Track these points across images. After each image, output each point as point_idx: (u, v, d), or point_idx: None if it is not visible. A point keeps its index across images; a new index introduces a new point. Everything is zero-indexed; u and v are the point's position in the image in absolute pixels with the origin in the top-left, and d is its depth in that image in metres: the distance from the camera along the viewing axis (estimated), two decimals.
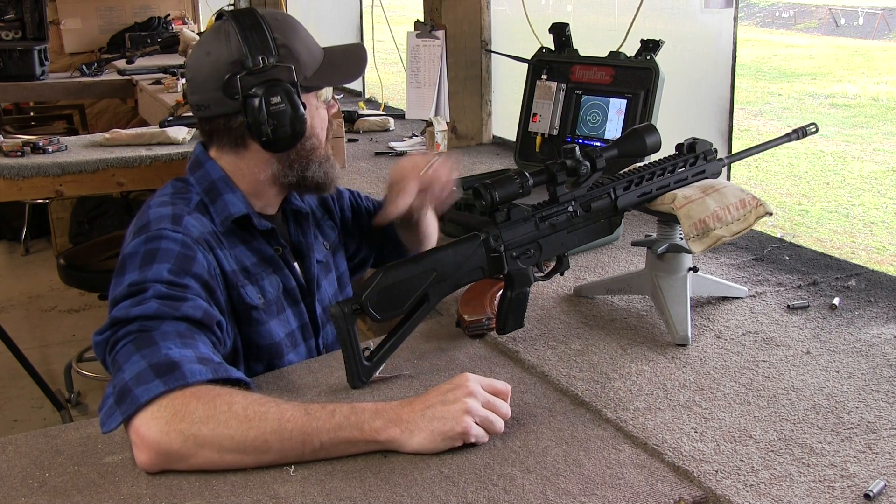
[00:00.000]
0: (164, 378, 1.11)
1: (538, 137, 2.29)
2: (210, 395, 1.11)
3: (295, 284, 1.51)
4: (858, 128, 8.68)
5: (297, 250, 1.56)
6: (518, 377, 1.37)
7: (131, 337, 1.17)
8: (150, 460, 1.10)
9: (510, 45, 2.85)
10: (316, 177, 1.48)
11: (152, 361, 1.13)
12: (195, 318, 1.23)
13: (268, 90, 1.37)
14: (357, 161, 2.92)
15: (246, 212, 1.43)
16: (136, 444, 1.10)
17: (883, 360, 1.39)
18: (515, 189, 1.34)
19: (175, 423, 1.08)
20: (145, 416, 1.09)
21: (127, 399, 1.10)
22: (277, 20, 1.43)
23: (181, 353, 1.15)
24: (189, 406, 1.10)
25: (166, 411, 1.09)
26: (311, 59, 1.44)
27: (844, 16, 14.63)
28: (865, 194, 6.84)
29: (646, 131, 1.47)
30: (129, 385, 1.11)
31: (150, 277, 1.24)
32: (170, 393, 1.10)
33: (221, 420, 1.09)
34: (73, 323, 4.31)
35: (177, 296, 1.23)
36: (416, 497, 1.05)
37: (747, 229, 1.48)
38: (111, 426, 1.11)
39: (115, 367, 1.16)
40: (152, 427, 1.08)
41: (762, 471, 1.10)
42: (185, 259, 1.29)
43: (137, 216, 1.38)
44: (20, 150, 2.97)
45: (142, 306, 1.20)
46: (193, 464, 1.10)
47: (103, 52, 5.92)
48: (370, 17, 4.17)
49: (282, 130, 1.39)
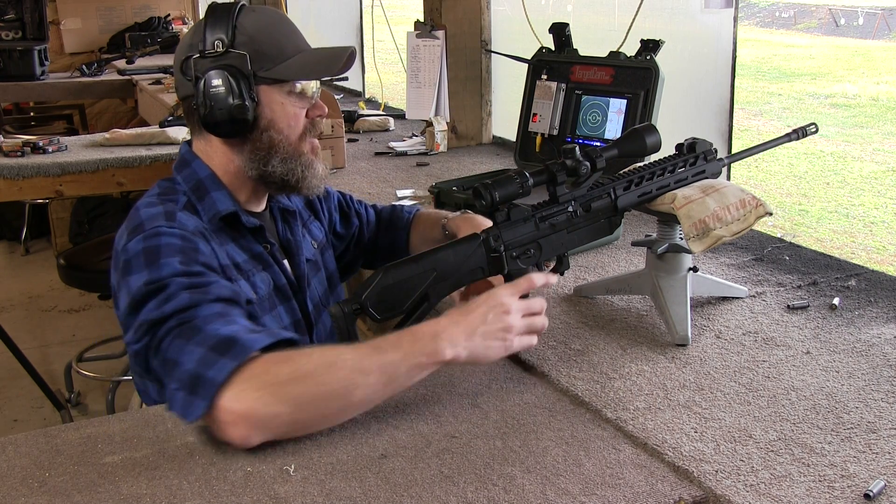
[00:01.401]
0: (229, 354, 1.13)
1: (538, 137, 2.29)
2: (283, 356, 1.15)
3: (285, 281, 1.51)
4: (858, 128, 8.68)
5: (286, 248, 1.56)
6: (518, 377, 1.37)
7: (174, 332, 1.19)
8: (246, 433, 1.12)
9: (510, 45, 2.85)
10: (278, 173, 1.45)
11: (209, 345, 1.15)
12: (227, 297, 1.25)
13: (211, 73, 1.39)
14: (357, 161, 2.92)
15: (234, 209, 1.43)
16: (229, 422, 1.12)
17: (883, 360, 1.39)
18: (515, 189, 1.34)
19: (263, 389, 1.11)
20: (230, 393, 1.11)
21: (202, 384, 1.12)
22: (254, 13, 1.43)
23: (231, 329, 1.17)
24: (270, 370, 1.13)
25: (249, 382, 1.12)
26: (275, 53, 1.42)
27: (844, 16, 14.63)
28: (865, 194, 6.84)
29: (646, 131, 1.46)
30: (197, 372, 1.13)
31: (165, 274, 1.25)
32: (243, 366, 1.13)
33: (307, 372, 1.13)
34: (73, 323, 4.31)
35: (200, 282, 1.25)
36: (416, 497, 1.05)
37: (747, 229, 1.48)
38: (197, 413, 1.12)
39: (170, 364, 1.17)
40: (243, 399, 1.11)
41: (762, 471, 1.10)
42: (190, 250, 1.30)
43: (128, 219, 1.38)
44: (20, 150, 2.97)
45: (173, 301, 1.21)
46: (289, 424, 1.13)
47: (103, 52, 5.92)
48: (370, 17, 4.18)
49: (219, 114, 1.39)
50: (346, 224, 1.75)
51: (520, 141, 2.34)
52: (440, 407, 1.27)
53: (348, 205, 1.77)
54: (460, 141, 3.09)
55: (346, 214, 1.75)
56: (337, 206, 1.74)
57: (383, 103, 3.88)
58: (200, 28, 1.42)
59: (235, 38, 1.40)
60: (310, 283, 1.58)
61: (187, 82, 1.42)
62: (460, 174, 2.57)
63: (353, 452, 1.15)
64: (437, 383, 1.34)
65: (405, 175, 2.70)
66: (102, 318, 4.19)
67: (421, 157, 2.93)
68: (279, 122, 1.44)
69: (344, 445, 1.16)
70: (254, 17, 1.43)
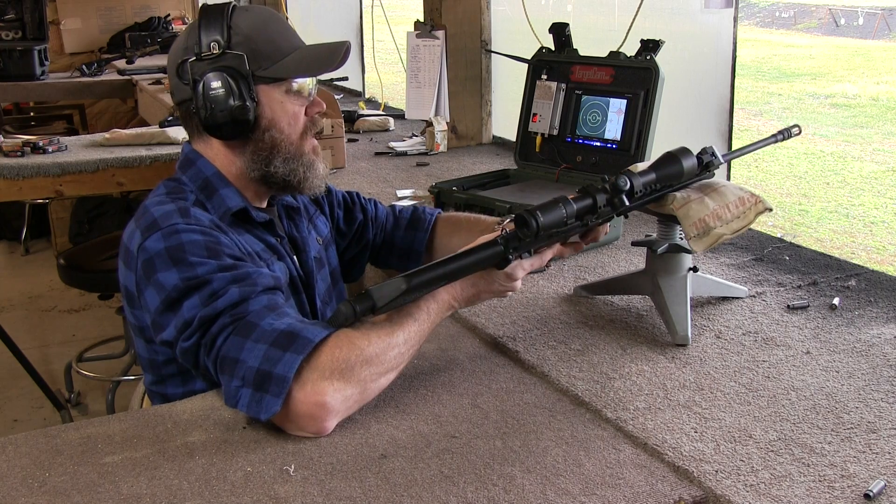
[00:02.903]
0: (293, 348, 1.15)
1: (538, 137, 2.29)
2: (344, 342, 1.18)
3: (296, 274, 1.51)
4: (858, 128, 8.69)
5: (293, 244, 1.56)
6: (518, 377, 1.37)
7: (229, 329, 1.20)
8: (324, 421, 1.16)
9: (510, 45, 2.85)
10: (280, 173, 1.45)
11: (269, 341, 1.17)
12: (271, 286, 1.28)
13: (209, 76, 1.38)
14: (357, 161, 2.92)
15: (243, 205, 1.43)
16: (306, 415, 1.15)
17: (883, 360, 1.39)
18: (560, 216, 1.30)
19: (333, 376, 1.15)
20: (306, 388, 1.15)
21: (272, 381, 1.14)
22: (247, 12, 1.43)
23: (286, 323, 1.19)
24: (336, 357, 1.16)
25: (319, 372, 1.15)
26: (272, 51, 1.42)
27: (844, 16, 14.64)
28: (865, 194, 6.85)
29: (682, 155, 1.45)
30: (263, 369, 1.15)
31: (201, 271, 1.25)
32: (309, 358, 1.15)
33: (370, 355, 1.18)
34: (73, 323, 4.31)
35: (241, 275, 1.26)
36: (416, 497, 1.05)
37: (748, 226, 1.49)
38: (273, 409, 1.14)
39: (229, 362, 1.19)
40: (318, 390, 1.15)
41: (762, 471, 1.10)
42: (213, 244, 1.30)
43: (137, 217, 1.38)
44: (20, 150, 2.96)
45: (223, 297, 1.23)
46: (358, 402, 1.20)
47: (103, 52, 5.91)
48: (370, 17, 4.17)
49: (220, 116, 1.39)
50: (350, 219, 1.74)
51: (520, 141, 2.34)
52: (440, 407, 1.27)
53: (353, 200, 1.76)
54: (460, 141, 3.09)
55: (350, 210, 1.75)
56: (341, 203, 1.74)
57: (383, 103, 3.88)
58: (195, 30, 1.41)
59: (231, 39, 1.39)
60: (316, 279, 1.58)
61: (184, 86, 1.41)
62: (460, 174, 2.57)
63: (353, 452, 1.15)
64: (437, 383, 1.34)
65: (405, 175, 2.70)
66: (102, 318, 4.18)
67: (421, 157, 2.93)
68: (280, 121, 1.44)
69: (344, 445, 1.16)
70: (247, 17, 1.42)
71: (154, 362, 1.41)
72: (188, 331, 1.24)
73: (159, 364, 1.40)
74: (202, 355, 1.23)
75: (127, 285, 1.36)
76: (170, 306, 1.26)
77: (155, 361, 1.41)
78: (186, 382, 1.39)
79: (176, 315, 1.25)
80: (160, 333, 1.29)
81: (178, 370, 1.39)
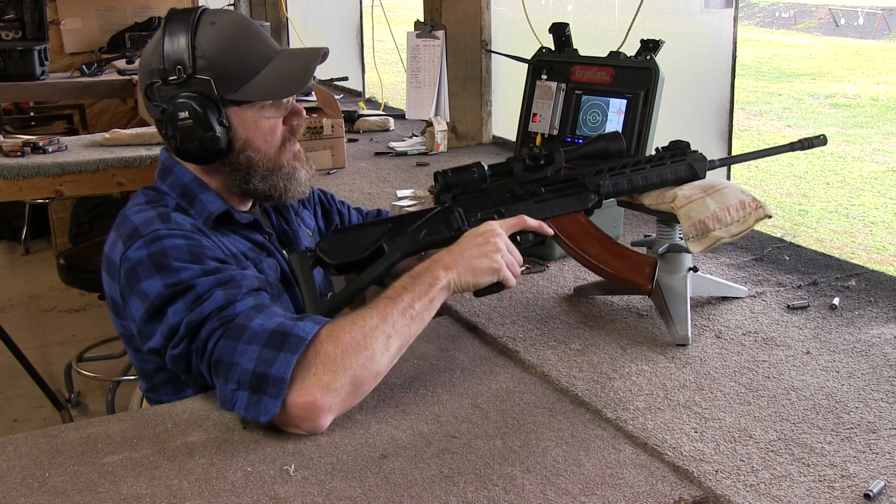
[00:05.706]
0: (286, 348, 1.15)
1: (538, 137, 2.29)
2: (327, 336, 1.18)
3: (288, 269, 1.49)
4: (858, 128, 8.69)
5: (282, 239, 1.55)
6: (518, 377, 1.37)
7: (219, 332, 1.20)
8: (319, 419, 1.17)
9: (510, 45, 2.84)
10: (261, 189, 1.42)
11: (262, 342, 1.17)
12: (256, 287, 1.28)
13: (176, 105, 1.34)
14: (357, 161, 2.91)
15: (225, 208, 1.41)
16: (302, 416, 1.15)
17: (883, 360, 1.39)
18: (469, 175, 1.46)
19: (323, 371, 1.16)
20: (302, 387, 1.15)
21: (269, 383, 1.14)
22: (212, 26, 1.36)
23: (276, 322, 1.19)
24: (321, 353, 1.17)
25: (309, 370, 1.15)
26: (241, 72, 1.36)
27: (844, 16, 14.63)
28: (865, 194, 6.85)
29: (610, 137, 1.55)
30: (259, 371, 1.15)
31: (185, 276, 1.24)
32: (303, 357, 1.16)
33: (352, 342, 1.19)
34: (73, 323, 4.30)
35: (225, 278, 1.25)
36: (416, 497, 1.05)
37: (746, 231, 1.49)
38: (272, 411, 1.14)
39: (223, 365, 1.18)
40: (310, 389, 1.15)
41: (762, 471, 1.10)
42: (195, 248, 1.29)
43: (117, 226, 1.35)
44: (20, 150, 2.96)
45: (209, 301, 1.22)
46: (351, 393, 1.19)
47: (103, 52, 5.90)
48: (370, 17, 4.18)
49: (191, 146, 1.35)
50: (328, 220, 1.74)
51: (520, 141, 2.33)
52: (440, 407, 1.27)
53: (329, 203, 1.75)
54: (460, 141, 3.09)
55: (328, 211, 1.74)
56: (318, 202, 1.73)
57: (383, 103, 3.88)
58: (159, 49, 1.35)
59: (196, 63, 1.34)
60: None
61: (154, 107, 1.38)
62: None
63: (353, 452, 1.15)
64: (437, 383, 1.34)
65: (405, 175, 2.70)
66: (102, 318, 4.18)
67: (421, 157, 2.93)
68: (255, 140, 1.40)
69: (344, 445, 1.16)
70: (212, 34, 1.35)
71: (145, 371, 1.40)
72: (176, 337, 1.23)
73: (150, 373, 1.39)
74: (194, 361, 1.23)
75: (112, 295, 1.35)
76: (154, 314, 1.25)
77: (146, 370, 1.40)
78: (179, 391, 1.38)
79: (161, 322, 1.24)
80: (147, 342, 1.28)
81: (169, 378, 1.38)
